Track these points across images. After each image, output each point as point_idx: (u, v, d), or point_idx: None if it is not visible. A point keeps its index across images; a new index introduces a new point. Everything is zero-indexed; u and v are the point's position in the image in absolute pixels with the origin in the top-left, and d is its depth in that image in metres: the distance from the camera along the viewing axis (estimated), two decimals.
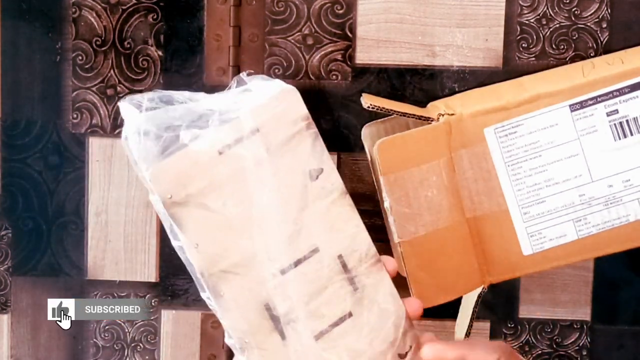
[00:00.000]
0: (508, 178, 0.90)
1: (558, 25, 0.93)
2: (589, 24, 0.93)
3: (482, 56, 0.94)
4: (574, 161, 0.90)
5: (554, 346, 0.98)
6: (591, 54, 0.93)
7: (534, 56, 0.94)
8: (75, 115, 0.96)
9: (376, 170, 0.89)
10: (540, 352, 0.98)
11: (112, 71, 0.96)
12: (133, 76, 0.96)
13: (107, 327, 0.99)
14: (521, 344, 0.98)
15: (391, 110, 0.89)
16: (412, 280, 0.89)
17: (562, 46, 0.93)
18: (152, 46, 0.96)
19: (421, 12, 0.94)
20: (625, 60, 0.90)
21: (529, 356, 0.98)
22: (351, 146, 0.96)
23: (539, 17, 0.93)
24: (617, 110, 0.89)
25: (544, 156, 0.90)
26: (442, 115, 0.89)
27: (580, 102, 0.89)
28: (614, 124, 0.90)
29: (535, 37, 0.93)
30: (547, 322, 0.98)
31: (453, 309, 0.94)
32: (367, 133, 0.95)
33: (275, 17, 0.95)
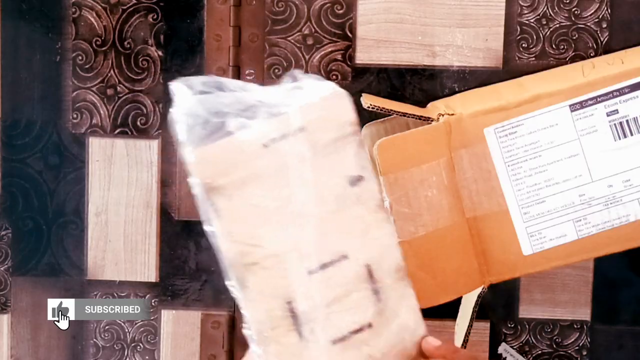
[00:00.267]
0: (508, 178, 0.90)
1: (558, 25, 0.93)
2: (589, 24, 0.93)
3: (482, 56, 0.94)
4: (574, 161, 0.90)
5: (554, 346, 0.98)
6: (591, 54, 0.93)
7: (534, 56, 0.94)
8: (75, 115, 0.96)
9: (376, 170, 0.89)
10: (540, 352, 0.98)
11: (112, 71, 0.96)
12: (133, 76, 0.96)
13: (107, 327, 0.99)
14: (521, 344, 0.98)
15: (391, 110, 0.89)
16: (412, 280, 0.89)
17: (562, 46, 0.93)
18: (152, 46, 0.96)
19: (421, 12, 0.94)
20: (625, 60, 0.90)
21: (529, 356, 0.98)
22: None
23: (539, 17, 0.93)
24: (617, 110, 0.89)
25: (544, 156, 0.90)
26: (442, 115, 0.89)
27: (580, 102, 0.89)
28: (614, 124, 0.89)
29: (535, 37, 0.93)
30: (547, 322, 0.98)
31: (453, 309, 0.94)
32: (367, 133, 0.95)
33: (275, 17, 0.95)
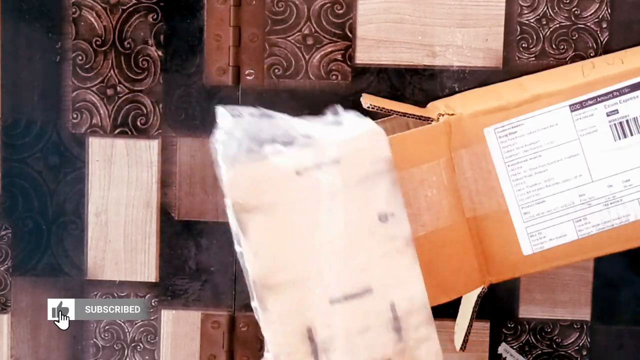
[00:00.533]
0: (508, 178, 0.90)
1: (558, 25, 0.93)
2: (589, 24, 0.93)
3: (482, 56, 0.94)
4: (574, 161, 0.90)
5: (554, 346, 0.98)
6: (591, 54, 0.93)
7: (534, 56, 0.94)
8: (75, 115, 0.96)
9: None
10: (540, 352, 0.98)
11: (112, 71, 0.96)
12: (133, 76, 0.96)
13: (107, 327, 0.99)
14: (521, 344, 0.98)
15: (391, 110, 0.89)
16: None
17: (562, 46, 0.93)
18: (152, 46, 0.96)
19: (421, 12, 0.94)
20: (625, 60, 0.90)
21: (529, 356, 0.98)
22: None
23: (539, 17, 0.93)
24: (617, 110, 0.89)
25: (544, 156, 0.90)
26: (442, 115, 0.89)
27: (580, 102, 0.89)
28: (614, 124, 0.89)
29: (535, 37, 0.93)
30: (547, 322, 0.98)
31: (453, 309, 0.94)
32: None
33: (275, 17, 0.95)
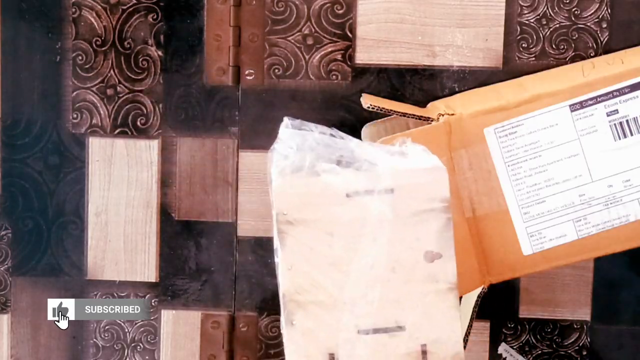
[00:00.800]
0: (508, 178, 0.90)
1: (558, 25, 0.93)
2: (589, 24, 0.93)
3: (482, 56, 0.94)
4: (574, 161, 0.90)
5: (554, 346, 0.98)
6: (591, 54, 0.93)
7: (534, 56, 0.94)
8: (75, 115, 0.96)
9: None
10: (540, 352, 0.98)
11: (112, 71, 0.96)
12: (133, 76, 0.96)
13: (107, 327, 0.99)
14: (521, 344, 0.98)
15: (391, 110, 0.89)
16: None
17: (562, 46, 0.93)
18: (152, 46, 0.96)
19: (421, 12, 0.94)
20: (625, 60, 0.90)
21: (529, 356, 0.98)
22: None
23: (539, 17, 0.93)
24: (617, 110, 0.89)
25: (544, 156, 0.90)
26: (442, 115, 0.89)
27: (580, 102, 0.89)
28: (614, 124, 0.89)
29: (535, 37, 0.93)
30: (547, 322, 0.98)
31: None
32: (367, 133, 0.95)
33: (275, 17, 0.95)
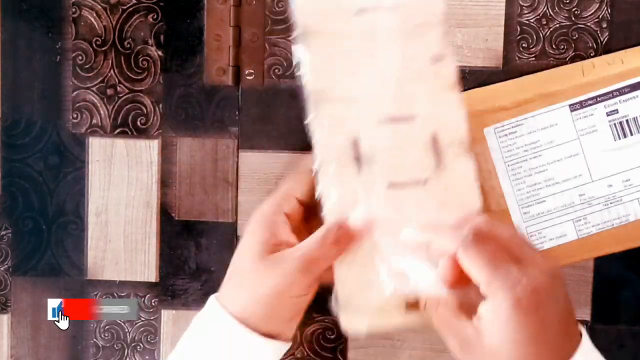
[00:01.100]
0: (508, 178, 0.90)
1: (558, 25, 0.93)
2: (589, 24, 0.93)
3: (482, 56, 0.94)
4: (573, 161, 0.90)
5: None
6: (591, 54, 0.93)
7: (534, 56, 0.94)
8: (75, 115, 0.96)
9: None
10: None
11: (112, 71, 0.96)
12: (133, 76, 0.96)
13: (107, 327, 0.98)
14: None
15: None
16: None
17: (562, 46, 0.93)
18: (152, 46, 0.96)
19: None
20: (625, 60, 0.90)
21: None
22: None
23: (539, 17, 0.93)
24: (617, 110, 0.89)
25: (544, 156, 0.90)
26: None
27: (580, 102, 0.89)
28: (614, 124, 0.89)
29: (535, 37, 0.93)
30: None
31: None
32: None
33: (275, 17, 0.95)
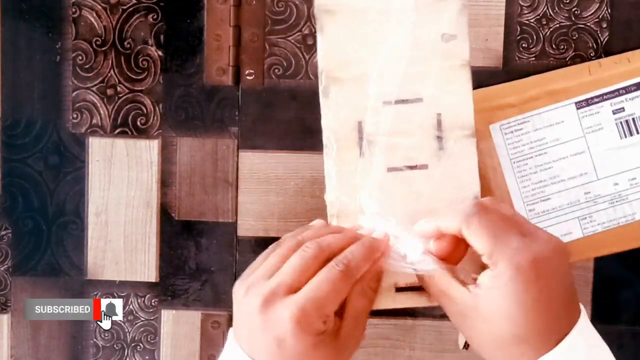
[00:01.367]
0: (513, 175, 0.90)
1: (558, 25, 0.94)
2: (589, 24, 0.93)
3: (482, 56, 0.94)
4: (579, 159, 0.90)
5: None
6: (591, 54, 0.93)
7: (534, 56, 0.94)
8: (75, 115, 0.96)
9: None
10: None
11: (112, 71, 0.96)
12: (133, 76, 0.96)
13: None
14: None
15: None
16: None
17: (562, 46, 0.94)
18: (152, 46, 0.96)
19: None
20: (632, 59, 0.90)
21: None
22: None
23: (539, 17, 0.94)
24: (623, 108, 0.90)
25: (549, 153, 0.90)
26: None
27: (587, 100, 0.90)
28: (620, 122, 0.90)
29: (535, 37, 0.94)
30: None
31: None
32: None
33: (275, 17, 0.95)
